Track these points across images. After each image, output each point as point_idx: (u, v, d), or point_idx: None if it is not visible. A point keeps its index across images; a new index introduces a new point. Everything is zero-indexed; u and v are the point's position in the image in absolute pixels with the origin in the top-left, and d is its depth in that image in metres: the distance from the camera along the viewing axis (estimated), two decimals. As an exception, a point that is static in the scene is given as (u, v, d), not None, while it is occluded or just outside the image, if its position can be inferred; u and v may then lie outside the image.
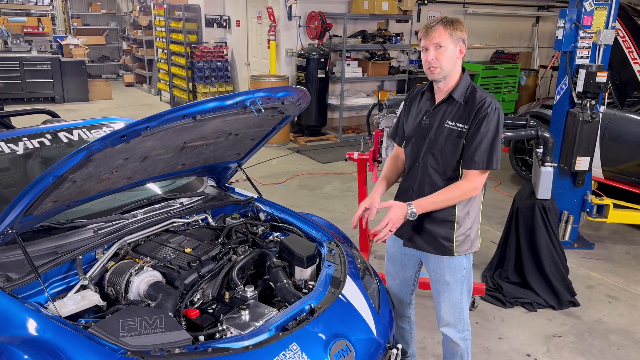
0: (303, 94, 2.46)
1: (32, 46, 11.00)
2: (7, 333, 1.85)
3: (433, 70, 2.21)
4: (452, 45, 2.16)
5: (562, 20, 4.19)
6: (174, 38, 10.43)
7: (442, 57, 2.17)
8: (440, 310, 2.51)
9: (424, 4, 9.71)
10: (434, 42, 2.16)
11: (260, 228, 2.78)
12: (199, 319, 2.09)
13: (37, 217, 2.15)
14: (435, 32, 2.15)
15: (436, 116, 2.30)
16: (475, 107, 2.20)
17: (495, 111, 2.19)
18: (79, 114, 9.85)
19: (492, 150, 2.21)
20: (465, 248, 2.39)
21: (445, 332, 2.55)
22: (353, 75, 8.51)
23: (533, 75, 10.52)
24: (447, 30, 2.14)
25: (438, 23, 2.16)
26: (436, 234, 2.36)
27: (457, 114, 2.24)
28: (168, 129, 2.07)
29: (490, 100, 2.21)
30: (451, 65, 2.20)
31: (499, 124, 2.21)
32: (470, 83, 2.28)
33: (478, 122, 2.19)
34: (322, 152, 7.69)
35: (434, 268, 2.46)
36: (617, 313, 3.79)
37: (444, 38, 2.15)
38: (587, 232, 5.06)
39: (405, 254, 2.56)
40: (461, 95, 2.24)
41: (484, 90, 2.27)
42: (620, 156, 5.20)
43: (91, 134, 3.02)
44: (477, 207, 2.40)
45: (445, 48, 2.16)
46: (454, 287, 2.44)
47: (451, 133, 2.25)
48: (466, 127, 2.22)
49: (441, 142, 2.27)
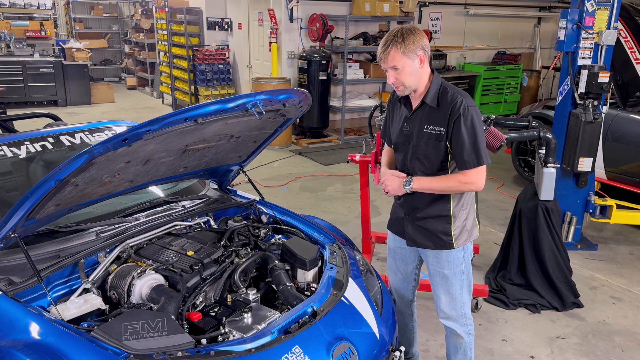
0: (305, 96, 2.46)
1: (34, 50, 11.03)
2: (9, 337, 1.85)
3: (398, 88, 2.28)
4: (409, 61, 2.18)
5: (564, 21, 4.18)
6: (176, 41, 10.45)
7: (401, 76, 2.22)
8: (440, 303, 2.56)
9: (425, 6, 9.71)
10: (389, 65, 2.20)
11: (263, 230, 2.78)
12: (202, 322, 2.09)
13: (39, 221, 2.15)
14: (389, 56, 2.18)
15: (415, 122, 2.34)
16: (449, 109, 2.23)
17: (467, 109, 2.21)
18: (82, 117, 9.88)
19: (478, 147, 2.23)
20: (463, 239, 2.44)
21: (448, 325, 2.59)
22: (355, 77, 8.51)
23: (535, 76, 10.50)
24: (400, 49, 2.16)
25: (390, 45, 2.17)
26: (434, 230, 2.42)
27: (432, 117, 2.28)
28: (170, 132, 2.07)
29: (461, 99, 2.22)
30: (414, 79, 2.24)
31: (475, 119, 2.23)
32: (440, 85, 2.30)
33: (455, 123, 2.22)
34: (324, 154, 7.69)
35: (432, 262, 2.51)
36: (621, 314, 3.77)
37: (398, 59, 2.18)
38: (590, 233, 5.04)
39: (405, 248, 2.62)
40: (433, 99, 2.27)
41: (455, 89, 2.28)
42: (623, 157, 5.19)
43: (93, 137, 3.02)
44: (470, 199, 2.45)
45: (402, 68, 2.19)
46: (452, 281, 2.48)
47: (431, 137, 2.29)
48: (443, 129, 2.25)
49: (423, 146, 2.32)
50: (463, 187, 2.29)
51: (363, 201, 4.02)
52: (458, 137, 2.22)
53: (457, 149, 2.24)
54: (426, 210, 2.40)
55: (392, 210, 2.64)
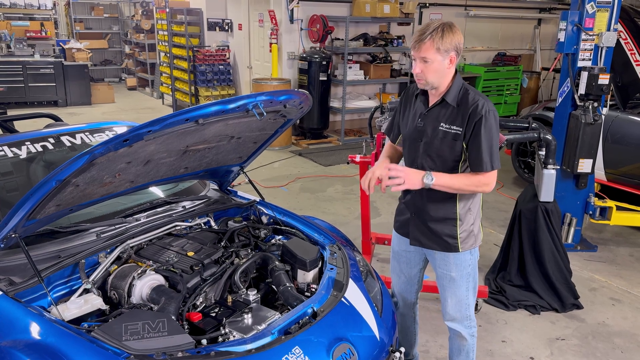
0: (305, 97, 2.46)
1: (35, 50, 11.03)
2: (10, 337, 1.85)
3: (419, 81, 2.26)
4: (439, 58, 2.16)
5: (564, 23, 4.18)
6: (177, 42, 10.46)
7: (427, 70, 2.19)
8: (447, 305, 2.55)
9: (426, 7, 9.71)
10: (421, 55, 2.17)
11: (263, 231, 2.78)
12: (202, 323, 2.09)
13: (40, 221, 2.15)
14: (424, 46, 2.15)
15: (430, 119, 2.32)
16: (469, 110, 2.22)
17: (489, 112, 2.21)
18: (82, 117, 9.88)
19: (493, 151, 2.24)
20: (469, 244, 2.42)
21: (452, 327, 2.58)
22: (355, 78, 8.51)
23: (535, 78, 10.51)
24: (435, 44, 2.13)
25: (428, 36, 2.14)
26: (440, 232, 2.40)
27: (451, 116, 2.26)
28: (170, 132, 2.07)
29: (483, 102, 2.22)
30: (438, 77, 2.22)
31: (494, 123, 2.23)
32: (462, 85, 2.29)
33: (475, 125, 2.21)
34: (324, 155, 7.70)
35: (440, 264, 2.49)
36: (621, 316, 3.77)
37: (431, 53, 2.15)
38: (590, 235, 5.05)
39: (410, 252, 2.60)
40: (454, 98, 2.26)
41: (476, 91, 2.28)
42: (622, 158, 5.19)
43: (94, 137, 3.02)
44: (477, 203, 2.44)
45: (431, 62, 2.17)
46: (459, 283, 2.47)
47: (446, 135, 2.27)
48: (461, 129, 2.24)
49: (437, 144, 2.30)
50: (478, 188, 2.28)
51: (363, 202, 4.02)
52: (477, 139, 2.21)
53: (475, 150, 2.22)
54: (433, 212, 2.38)
55: (397, 211, 2.61)
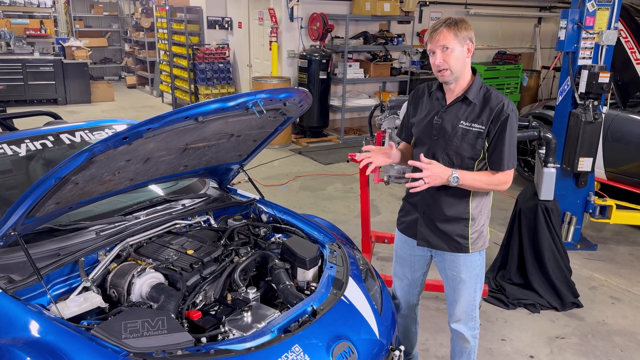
0: (305, 95, 2.46)
1: (34, 48, 11.03)
2: (9, 335, 1.85)
3: (443, 73, 2.20)
4: (458, 45, 2.15)
5: (565, 21, 4.18)
6: (176, 40, 10.45)
7: (449, 58, 2.16)
8: (455, 307, 2.51)
9: (426, 5, 9.70)
10: (439, 44, 2.15)
11: (262, 229, 2.77)
12: (201, 321, 2.09)
13: (39, 219, 2.15)
14: (440, 35, 2.14)
15: (449, 116, 2.28)
16: (494, 109, 2.19)
17: (513, 112, 2.21)
18: (81, 115, 9.87)
19: (513, 151, 2.24)
20: (479, 244, 2.41)
21: (457, 328, 2.55)
22: (355, 76, 8.51)
23: (535, 76, 10.49)
24: (452, 31, 2.13)
25: (442, 25, 2.14)
26: (451, 232, 2.37)
27: (472, 114, 2.23)
28: (170, 130, 2.07)
29: (508, 102, 2.22)
30: (460, 65, 2.19)
31: (516, 124, 2.24)
32: (482, 84, 2.27)
33: (501, 124, 2.19)
34: (324, 154, 7.69)
35: (449, 266, 2.45)
36: (621, 314, 3.77)
37: (449, 39, 2.13)
38: (590, 233, 5.05)
39: (414, 255, 2.56)
40: (475, 95, 2.24)
41: (498, 91, 2.27)
42: (622, 157, 5.19)
43: (93, 135, 3.02)
44: (488, 204, 2.43)
45: (452, 49, 2.14)
46: (469, 285, 2.45)
47: (467, 133, 2.24)
48: (483, 127, 2.21)
49: (456, 142, 2.26)
50: (497, 187, 2.27)
51: (363, 200, 4.02)
52: (501, 138, 2.19)
53: (498, 149, 2.21)
54: (445, 211, 2.34)
55: (402, 212, 2.55)
